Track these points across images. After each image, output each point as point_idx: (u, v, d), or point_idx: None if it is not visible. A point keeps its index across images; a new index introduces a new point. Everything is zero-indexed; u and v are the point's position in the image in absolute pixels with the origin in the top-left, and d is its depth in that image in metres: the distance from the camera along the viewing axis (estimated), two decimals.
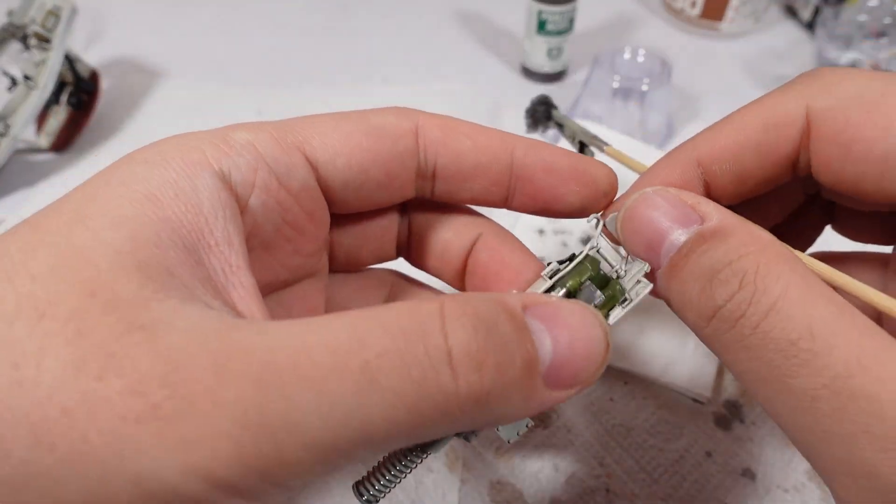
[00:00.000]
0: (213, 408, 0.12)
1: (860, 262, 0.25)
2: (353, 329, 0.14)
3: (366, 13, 0.70)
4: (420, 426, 0.14)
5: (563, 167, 0.21)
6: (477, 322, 0.15)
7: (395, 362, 0.14)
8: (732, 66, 0.63)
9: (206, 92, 0.59)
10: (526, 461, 0.34)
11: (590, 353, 0.16)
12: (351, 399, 0.13)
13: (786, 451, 0.34)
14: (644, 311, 0.40)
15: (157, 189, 0.15)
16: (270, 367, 0.13)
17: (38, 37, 0.48)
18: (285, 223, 0.19)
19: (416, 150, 0.20)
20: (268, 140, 0.18)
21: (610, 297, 0.19)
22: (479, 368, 0.14)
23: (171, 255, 0.15)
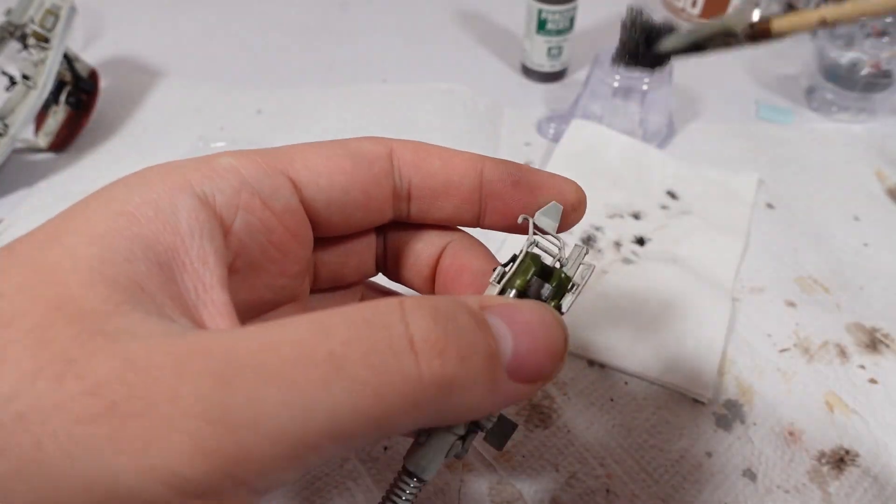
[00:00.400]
0: (172, 405, 0.12)
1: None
2: (318, 323, 0.14)
3: (366, 13, 0.70)
4: (386, 415, 0.14)
5: (530, 182, 0.22)
6: (436, 313, 0.15)
7: (359, 349, 0.14)
8: (732, 66, 0.63)
9: (206, 92, 0.59)
10: (526, 461, 0.34)
11: (550, 346, 0.17)
12: (317, 389, 0.13)
13: (786, 452, 0.34)
14: (644, 311, 0.40)
15: (135, 207, 0.16)
16: (232, 362, 0.13)
17: (36, 36, 0.48)
18: (270, 244, 0.19)
19: (391, 171, 0.21)
20: (251, 164, 0.19)
21: (558, 287, 0.20)
22: (441, 354, 0.14)
23: (142, 269, 0.15)
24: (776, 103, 0.58)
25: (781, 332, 0.40)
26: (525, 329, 0.16)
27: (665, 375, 0.36)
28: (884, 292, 0.42)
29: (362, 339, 0.14)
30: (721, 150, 0.53)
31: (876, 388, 0.37)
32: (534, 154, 0.52)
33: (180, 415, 0.12)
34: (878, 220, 0.47)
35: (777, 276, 0.43)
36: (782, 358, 0.38)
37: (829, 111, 0.57)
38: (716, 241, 0.45)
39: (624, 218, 0.46)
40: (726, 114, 0.57)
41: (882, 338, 0.40)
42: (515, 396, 0.17)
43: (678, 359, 0.37)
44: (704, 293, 0.41)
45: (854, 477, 0.33)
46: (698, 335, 0.38)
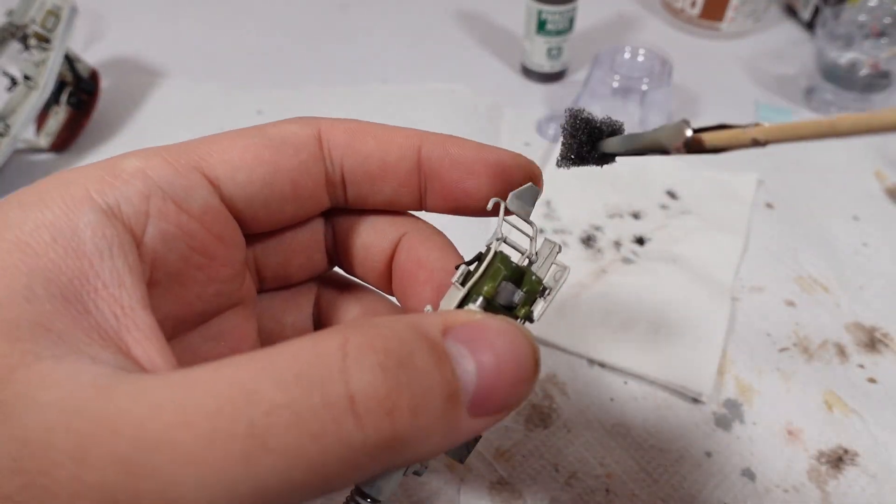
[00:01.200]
0: (76, 497, 0.11)
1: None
2: (240, 384, 0.12)
3: (366, 13, 0.70)
4: (326, 481, 0.13)
5: (469, 160, 0.20)
6: (385, 359, 0.13)
7: (287, 419, 0.12)
8: (732, 65, 0.63)
9: (206, 92, 0.59)
10: (526, 461, 0.34)
11: (518, 376, 0.15)
12: (238, 468, 0.12)
13: (785, 451, 0.34)
14: (644, 310, 0.40)
15: (30, 235, 0.14)
16: (141, 443, 0.12)
17: (37, 37, 0.48)
18: (192, 250, 0.18)
19: (320, 156, 0.19)
20: (160, 164, 0.17)
21: (529, 293, 0.18)
22: (391, 413, 0.13)
23: (46, 308, 0.13)
24: (775, 103, 0.58)
25: (781, 331, 0.40)
26: (491, 358, 0.15)
27: (664, 375, 0.36)
28: (883, 292, 0.42)
29: (291, 404, 0.12)
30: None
31: (875, 387, 0.37)
32: (534, 154, 0.52)
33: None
34: (877, 219, 0.47)
35: (776, 275, 0.43)
36: (782, 357, 0.39)
37: (828, 111, 0.57)
38: (715, 240, 0.45)
39: (623, 218, 0.46)
40: (726, 114, 0.57)
41: (881, 337, 0.40)
42: (476, 432, 0.15)
43: (678, 358, 0.37)
44: (704, 293, 0.41)
45: (853, 476, 0.33)
46: (698, 335, 0.38)
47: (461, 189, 0.20)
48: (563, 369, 0.38)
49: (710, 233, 0.45)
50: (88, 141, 0.53)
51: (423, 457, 0.14)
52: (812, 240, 0.46)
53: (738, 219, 0.47)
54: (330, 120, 0.20)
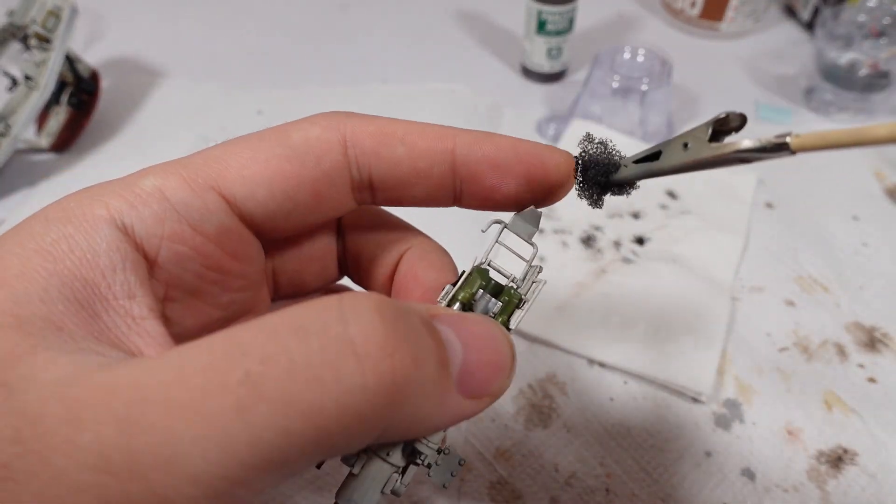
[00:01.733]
0: (68, 459, 0.11)
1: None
2: (233, 339, 0.12)
3: (366, 13, 0.70)
4: (326, 434, 0.12)
5: (509, 161, 0.19)
6: (383, 309, 0.13)
7: (283, 366, 0.12)
8: (732, 66, 0.63)
9: (206, 92, 0.59)
10: (526, 461, 0.34)
11: (498, 361, 0.16)
12: (232, 420, 0.12)
13: (785, 451, 0.34)
14: (644, 310, 0.40)
15: (51, 244, 0.15)
16: (136, 402, 0.12)
17: (38, 37, 0.48)
18: (207, 269, 0.18)
19: (345, 164, 0.19)
20: (177, 184, 0.17)
21: (507, 303, 0.19)
22: (391, 356, 0.13)
23: (59, 308, 0.14)
24: (775, 104, 0.58)
25: (781, 331, 0.40)
26: (473, 341, 0.15)
27: (664, 374, 0.37)
28: (883, 291, 0.42)
29: (288, 350, 0.12)
30: None
31: (875, 387, 0.37)
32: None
33: (78, 469, 0.11)
34: (877, 219, 0.47)
35: (776, 275, 0.43)
36: (781, 357, 0.39)
37: (827, 111, 0.57)
38: (715, 240, 0.45)
39: (623, 217, 0.46)
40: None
41: (881, 337, 0.40)
42: (461, 414, 0.15)
43: (677, 358, 0.37)
44: (704, 292, 0.41)
45: (852, 476, 0.33)
46: (698, 334, 0.39)
47: (500, 192, 0.20)
48: (563, 369, 0.38)
49: (709, 233, 0.45)
50: (89, 141, 0.53)
51: (418, 423, 0.14)
52: (812, 239, 0.46)
53: (738, 218, 0.47)
54: (356, 122, 0.19)
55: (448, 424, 0.16)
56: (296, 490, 0.32)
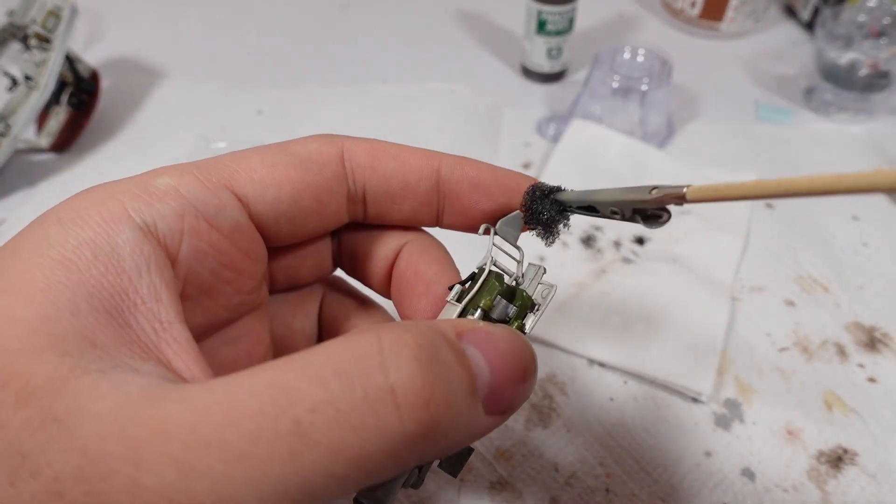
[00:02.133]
0: (135, 499, 0.12)
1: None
2: (281, 385, 0.13)
3: (366, 13, 0.70)
4: (366, 473, 0.13)
5: (487, 181, 0.21)
6: (420, 353, 0.14)
7: (330, 414, 0.13)
8: (732, 66, 0.63)
9: (206, 92, 0.59)
10: (526, 461, 0.34)
11: (522, 377, 0.16)
12: (285, 464, 0.12)
13: (785, 450, 0.34)
14: (644, 310, 0.40)
15: (73, 252, 0.14)
16: (193, 445, 0.12)
17: (38, 37, 0.48)
18: (222, 266, 0.18)
19: (343, 175, 0.20)
20: (192, 182, 0.17)
21: (521, 307, 0.20)
22: (427, 404, 0.13)
23: (90, 321, 0.14)
24: (775, 104, 0.58)
25: (781, 331, 0.40)
26: (501, 361, 0.16)
27: (664, 375, 0.37)
28: (883, 292, 0.42)
29: (333, 400, 0.13)
30: (720, 151, 0.53)
31: (875, 386, 0.37)
32: (534, 154, 0.52)
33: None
34: (877, 219, 0.47)
35: (776, 275, 0.43)
36: (781, 357, 0.39)
37: (827, 111, 0.57)
38: (715, 240, 0.45)
39: None
40: (725, 114, 0.57)
41: (881, 337, 0.40)
42: (487, 430, 0.16)
43: (677, 358, 0.37)
44: (704, 292, 0.41)
45: (852, 476, 0.33)
46: (697, 334, 0.39)
47: (479, 209, 0.21)
48: (563, 369, 0.38)
49: (709, 233, 0.45)
50: (89, 141, 0.53)
51: (448, 450, 0.15)
52: (812, 239, 0.46)
53: (738, 219, 0.47)
54: (352, 139, 0.20)
55: (475, 438, 0.16)
56: None
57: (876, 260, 0.45)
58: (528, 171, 0.51)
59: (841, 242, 0.46)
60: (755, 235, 0.46)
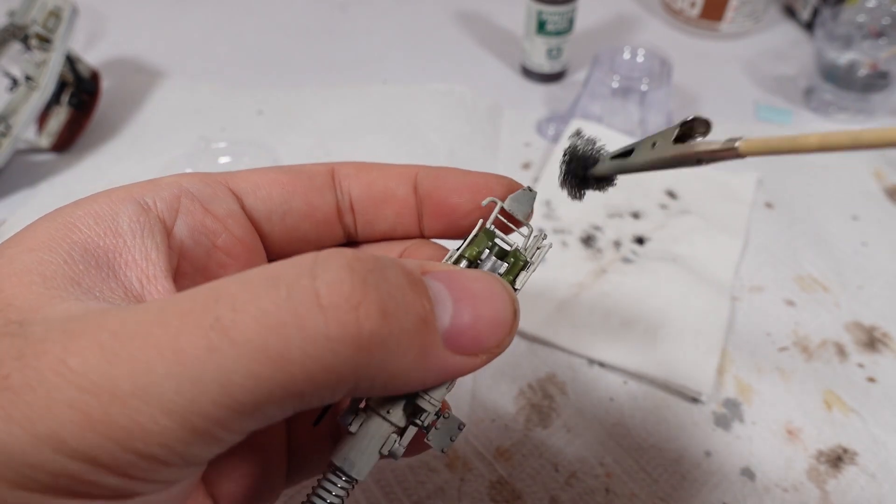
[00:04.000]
0: (59, 377, 0.13)
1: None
2: (213, 288, 0.14)
3: (366, 14, 0.70)
4: (294, 381, 0.13)
5: (460, 184, 0.22)
6: (354, 262, 0.14)
7: (251, 313, 0.13)
8: (732, 66, 0.63)
9: (206, 92, 0.59)
10: (526, 461, 0.34)
11: (496, 318, 0.16)
12: (203, 360, 0.13)
13: (785, 450, 0.34)
14: (644, 310, 0.40)
15: (78, 219, 0.17)
16: (120, 334, 0.13)
17: (39, 37, 0.48)
18: (216, 248, 0.20)
19: (332, 184, 0.22)
20: (192, 177, 0.20)
21: (513, 265, 0.19)
22: (356, 308, 0.13)
23: (79, 268, 0.16)
24: (775, 104, 0.58)
25: (780, 330, 0.40)
26: (468, 296, 0.16)
27: (664, 374, 0.37)
28: (882, 291, 0.42)
29: (257, 299, 0.13)
30: None
31: (874, 386, 0.37)
32: (534, 154, 0.52)
33: (67, 386, 0.13)
34: (876, 219, 0.48)
35: (776, 275, 0.43)
36: (781, 357, 0.39)
37: (827, 112, 0.57)
38: (715, 240, 0.45)
39: (623, 217, 0.46)
40: (725, 114, 0.57)
41: (880, 336, 0.40)
42: (453, 369, 0.16)
43: (677, 358, 0.37)
44: (704, 292, 0.41)
45: (852, 475, 0.33)
46: (697, 334, 0.39)
47: (454, 209, 0.22)
48: (563, 369, 0.38)
49: (709, 232, 0.45)
50: (89, 141, 0.53)
51: (397, 376, 0.15)
52: (811, 239, 0.46)
53: (738, 218, 0.47)
54: (341, 161, 0.23)
55: (438, 379, 0.16)
56: (296, 490, 0.32)
57: (876, 260, 0.45)
58: (528, 170, 0.51)
59: (840, 242, 0.46)
60: (755, 235, 0.46)
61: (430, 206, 0.22)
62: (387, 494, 0.32)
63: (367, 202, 0.22)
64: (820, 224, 0.47)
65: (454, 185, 0.22)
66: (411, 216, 0.23)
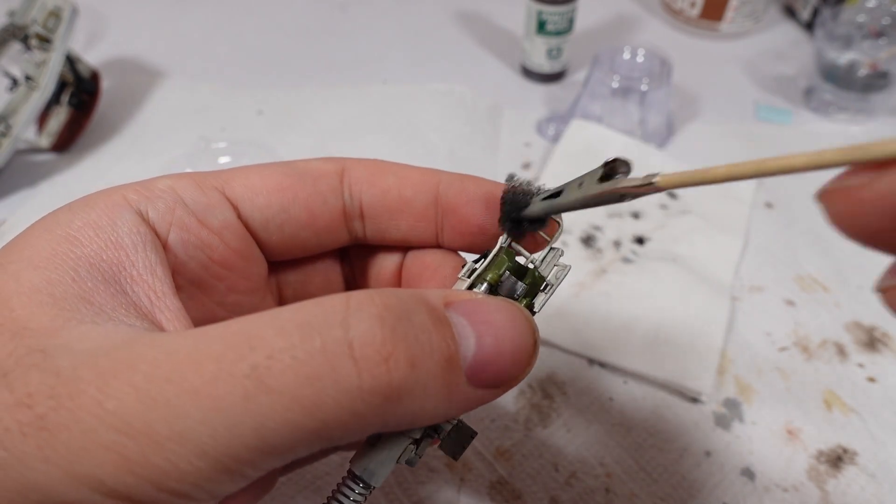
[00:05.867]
0: (96, 419, 0.13)
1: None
2: (246, 332, 0.14)
3: (366, 14, 0.70)
4: (325, 427, 0.13)
5: (482, 195, 0.21)
6: (384, 312, 0.14)
7: (286, 362, 0.13)
8: (732, 66, 0.63)
9: (206, 92, 0.59)
10: (526, 461, 0.34)
11: (517, 351, 0.16)
12: (239, 406, 0.13)
13: (785, 450, 0.34)
14: (644, 310, 0.40)
15: (77, 230, 0.16)
16: (154, 378, 0.13)
17: (39, 37, 0.48)
18: (212, 261, 0.19)
19: (339, 188, 0.20)
20: (187, 184, 0.19)
21: (531, 286, 0.19)
22: (387, 360, 0.14)
23: (88, 286, 0.15)
24: (775, 104, 0.58)
25: (780, 330, 0.40)
26: (490, 330, 0.15)
27: (664, 374, 0.37)
28: None
29: (291, 348, 0.13)
30: (720, 151, 0.53)
31: (874, 386, 0.37)
32: (534, 154, 0.52)
33: (104, 428, 0.13)
34: None
35: (776, 274, 0.43)
36: (781, 356, 0.39)
37: (827, 112, 0.57)
38: (715, 240, 0.45)
39: (623, 217, 0.46)
40: (725, 114, 0.57)
41: (880, 336, 0.40)
42: (475, 402, 0.16)
43: (677, 358, 0.37)
44: (703, 292, 0.41)
45: (852, 475, 0.33)
46: (697, 334, 0.39)
47: (476, 224, 0.21)
48: (563, 369, 0.38)
49: (709, 232, 0.45)
50: (89, 141, 0.53)
51: (420, 416, 0.15)
52: (811, 239, 0.46)
53: (738, 218, 0.47)
54: (355, 159, 0.21)
55: (460, 412, 0.16)
56: (297, 490, 0.32)
57: (875, 259, 0.44)
58: (528, 171, 0.51)
59: (841, 242, 0.46)
60: (755, 235, 0.46)
61: (455, 222, 0.21)
62: (387, 494, 0.32)
63: (381, 210, 0.21)
64: (820, 224, 0.47)
65: (481, 200, 0.20)
66: (428, 228, 0.21)
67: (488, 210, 0.20)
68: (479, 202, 0.20)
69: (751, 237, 0.46)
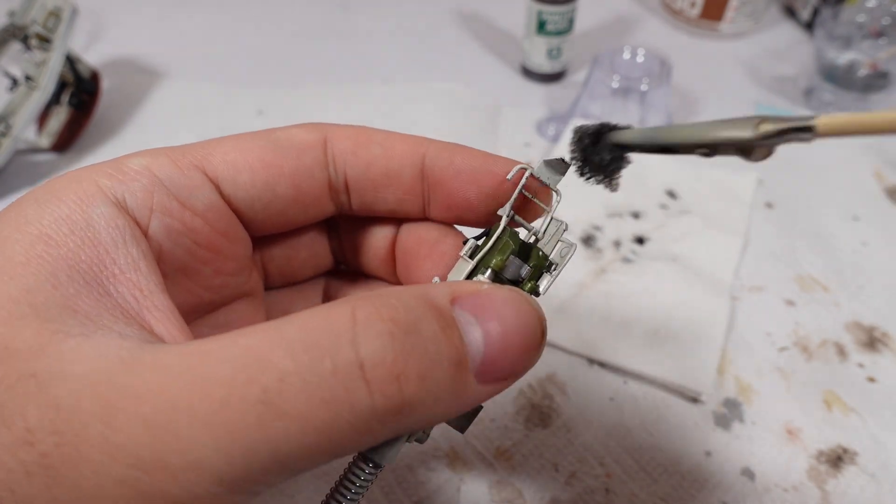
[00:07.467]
0: (105, 455, 0.12)
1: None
2: (254, 353, 0.13)
3: (366, 13, 0.70)
4: (338, 444, 0.13)
5: (474, 168, 0.19)
6: (394, 327, 0.14)
7: (298, 386, 0.13)
8: (732, 66, 0.63)
9: (206, 92, 0.59)
10: (526, 461, 0.34)
11: (524, 344, 0.16)
12: (253, 432, 0.12)
13: (785, 450, 0.34)
14: (644, 310, 0.40)
15: (50, 228, 0.15)
16: (162, 408, 0.12)
17: (39, 37, 0.48)
18: (197, 245, 0.18)
19: (324, 161, 0.19)
20: (164, 162, 0.18)
21: (536, 267, 0.19)
22: (398, 378, 0.13)
23: (71, 291, 0.14)
24: (775, 104, 0.58)
25: (780, 330, 0.40)
26: (499, 327, 0.15)
27: (664, 374, 0.37)
28: (882, 291, 0.42)
29: (302, 371, 0.13)
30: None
31: (874, 386, 0.37)
32: (534, 154, 0.52)
33: (115, 464, 0.12)
34: (876, 219, 0.48)
35: (776, 275, 0.43)
36: (781, 357, 0.39)
37: (827, 112, 0.57)
38: (715, 240, 0.45)
39: (623, 217, 0.46)
40: (725, 114, 0.57)
41: (880, 336, 0.40)
42: (485, 397, 0.16)
43: (677, 358, 0.37)
44: (704, 292, 0.41)
45: (852, 475, 0.33)
46: (697, 334, 0.39)
47: (464, 198, 0.20)
48: (563, 369, 0.38)
49: (709, 232, 0.45)
50: (89, 141, 0.53)
51: (431, 421, 0.15)
52: (811, 239, 0.46)
53: (738, 218, 0.47)
54: (337, 126, 0.20)
55: (468, 408, 0.16)
56: (297, 490, 0.32)
57: (875, 259, 0.45)
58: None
59: (840, 242, 0.46)
60: (755, 235, 0.46)
61: (441, 196, 0.20)
62: (387, 494, 0.32)
63: (366, 183, 0.20)
64: (820, 224, 0.47)
65: (472, 175, 0.19)
66: (417, 201, 0.20)
67: (476, 186, 0.19)
68: (468, 176, 0.19)
69: (751, 237, 0.46)
